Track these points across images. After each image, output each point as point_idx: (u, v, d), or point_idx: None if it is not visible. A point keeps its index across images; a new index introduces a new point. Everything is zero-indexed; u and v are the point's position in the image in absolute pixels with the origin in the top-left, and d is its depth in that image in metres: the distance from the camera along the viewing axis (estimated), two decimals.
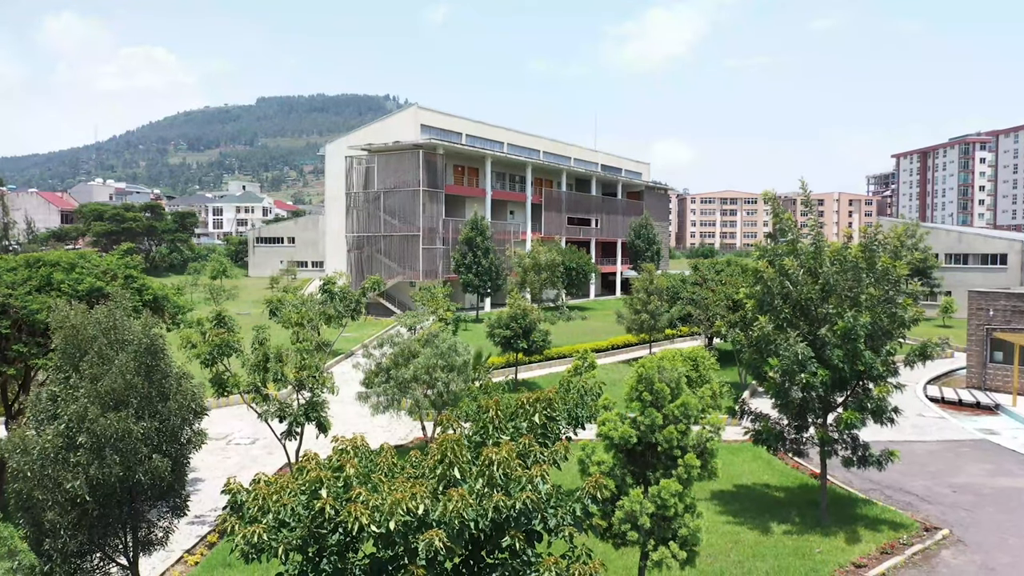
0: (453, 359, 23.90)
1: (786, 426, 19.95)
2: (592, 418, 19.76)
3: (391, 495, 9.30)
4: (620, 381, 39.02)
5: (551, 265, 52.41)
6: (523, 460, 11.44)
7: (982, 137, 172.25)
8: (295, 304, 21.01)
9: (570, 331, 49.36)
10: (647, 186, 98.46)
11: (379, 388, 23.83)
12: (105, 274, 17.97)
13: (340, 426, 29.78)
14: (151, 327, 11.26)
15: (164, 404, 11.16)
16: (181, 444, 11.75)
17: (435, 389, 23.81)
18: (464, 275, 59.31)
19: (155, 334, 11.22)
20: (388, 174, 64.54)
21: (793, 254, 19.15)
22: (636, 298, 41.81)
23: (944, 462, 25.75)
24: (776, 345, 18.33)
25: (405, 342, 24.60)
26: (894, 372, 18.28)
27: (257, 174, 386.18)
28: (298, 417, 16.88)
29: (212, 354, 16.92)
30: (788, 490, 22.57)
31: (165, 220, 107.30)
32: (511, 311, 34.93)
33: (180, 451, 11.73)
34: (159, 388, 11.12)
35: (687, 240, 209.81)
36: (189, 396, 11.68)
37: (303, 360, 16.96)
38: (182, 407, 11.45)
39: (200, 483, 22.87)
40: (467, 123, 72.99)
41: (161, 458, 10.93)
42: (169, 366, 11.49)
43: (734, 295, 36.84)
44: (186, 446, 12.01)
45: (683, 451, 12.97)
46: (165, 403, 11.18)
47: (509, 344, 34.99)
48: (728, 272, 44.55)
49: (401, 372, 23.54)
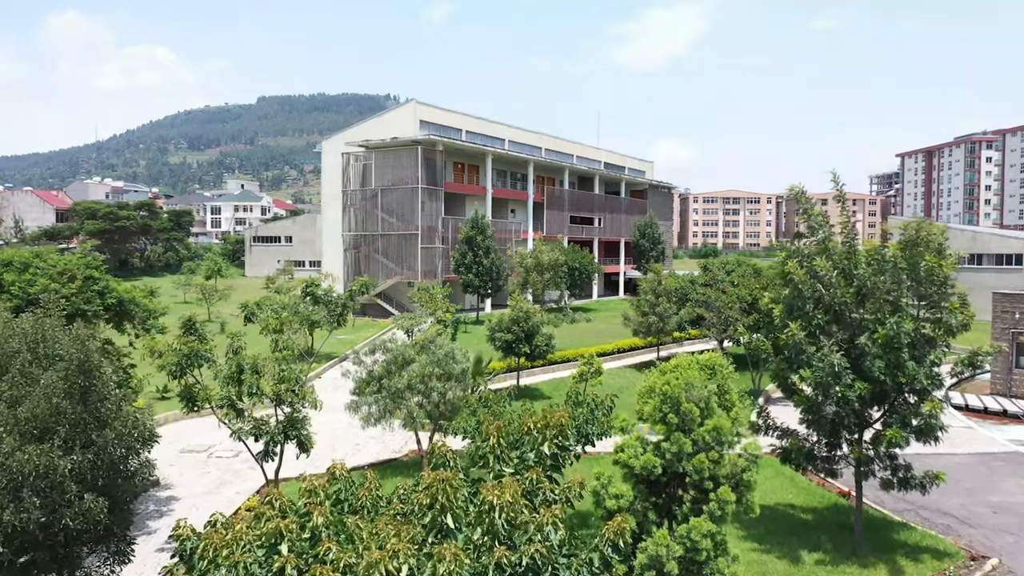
0: (450, 367, 22.05)
1: (815, 443, 18.11)
2: (604, 434, 17.97)
3: (368, 553, 7.47)
4: (627, 387, 37.18)
5: (554, 265, 50.52)
6: (530, 499, 9.58)
7: (988, 136, 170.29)
8: (274, 308, 19.13)
9: (574, 333, 47.47)
10: (651, 185, 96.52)
11: (370, 398, 21.97)
12: (62, 275, 16.16)
13: (329, 436, 28.03)
14: (86, 339, 9.42)
15: (100, 432, 9.34)
16: (123, 478, 9.92)
17: (431, 399, 21.98)
18: (464, 275, 57.42)
19: (91, 348, 9.39)
20: (386, 171, 62.64)
21: (825, 254, 17.29)
22: (643, 300, 39.97)
23: (979, 477, 23.92)
24: (808, 355, 16.49)
25: (399, 348, 22.74)
26: (939, 384, 16.43)
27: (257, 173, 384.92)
28: (275, 436, 15.06)
29: (180, 364, 15.10)
30: (816, 511, 20.72)
31: (160, 219, 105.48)
32: (513, 313, 33.09)
33: (122, 487, 9.90)
34: (94, 413, 9.31)
35: (689, 240, 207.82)
36: (131, 422, 9.83)
37: (282, 371, 15.14)
38: (123, 435, 9.62)
39: (174, 503, 21.05)
40: (467, 119, 70.99)
41: (95, 498, 9.12)
42: (108, 386, 9.65)
43: (747, 297, 34.99)
44: (129, 480, 10.17)
45: (715, 483, 11.13)
46: (102, 431, 9.37)
47: (511, 348, 33.16)
48: (739, 273, 42.70)
49: (394, 381, 21.69)
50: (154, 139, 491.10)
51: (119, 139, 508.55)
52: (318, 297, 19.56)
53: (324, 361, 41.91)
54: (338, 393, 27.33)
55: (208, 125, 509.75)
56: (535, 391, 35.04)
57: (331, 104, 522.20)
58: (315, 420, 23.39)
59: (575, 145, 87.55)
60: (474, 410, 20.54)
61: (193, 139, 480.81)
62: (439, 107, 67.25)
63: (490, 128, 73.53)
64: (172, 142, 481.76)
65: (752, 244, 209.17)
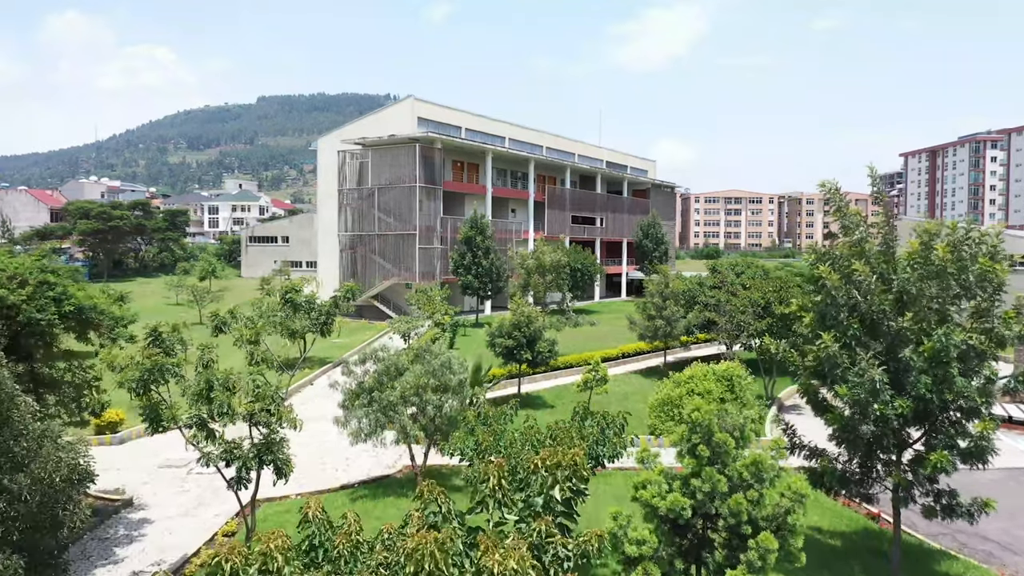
0: (447, 378, 20.39)
1: (847, 463, 16.44)
2: (616, 456, 16.32)
3: None
4: (634, 394, 35.48)
5: (556, 266, 48.78)
6: (538, 557, 7.89)
7: (993, 136, 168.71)
8: (249, 317, 17.41)
9: (577, 337, 45.76)
10: (653, 184, 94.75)
11: (360, 412, 20.30)
12: (12, 280, 14.48)
13: (318, 449, 26.28)
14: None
15: (15, 476, 7.67)
16: (47, 528, 8.24)
17: (426, 413, 20.32)
18: (463, 277, 55.70)
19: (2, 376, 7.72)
20: (383, 169, 60.90)
21: (861, 256, 15.60)
22: (650, 303, 38.25)
23: (1016, 497, 22.24)
24: (843, 369, 14.82)
25: (391, 358, 21.06)
26: (991, 402, 14.75)
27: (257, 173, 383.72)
28: (248, 461, 13.38)
29: (143, 380, 13.44)
30: (844, 536, 19.05)
31: (155, 218, 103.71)
32: (514, 318, 31.39)
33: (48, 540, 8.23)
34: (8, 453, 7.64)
35: (691, 240, 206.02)
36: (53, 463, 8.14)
37: (257, 388, 13.46)
38: (48, 479, 7.95)
39: (146, 526, 19.34)
40: (467, 116, 69.16)
41: (8, 556, 7.45)
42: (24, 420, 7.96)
43: (761, 301, 33.33)
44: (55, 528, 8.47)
45: (755, 527, 9.43)
46: (17, 474, 7.70)
47: (512, 355, 31.47)
48: (749, 274, 41.01)
49: (386, 394, 20.03)
50: (154, 139, 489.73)
51: (119, 139, 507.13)
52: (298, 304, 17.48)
53: (317, 367, 40.21)
54: (329, 401, 25.64)
55: (208, 125, 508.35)
56: (537, 399, 33.36)
57: (331, 104, 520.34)
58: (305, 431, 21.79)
59: (577, 144, 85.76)
60: (472, 428, 18.90)
61: (193, 139, 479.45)
62: (438, 104, 65.46)
63: (490, 126, 71.72)
64: (172, 142, 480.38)
65: (754, 244, 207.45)
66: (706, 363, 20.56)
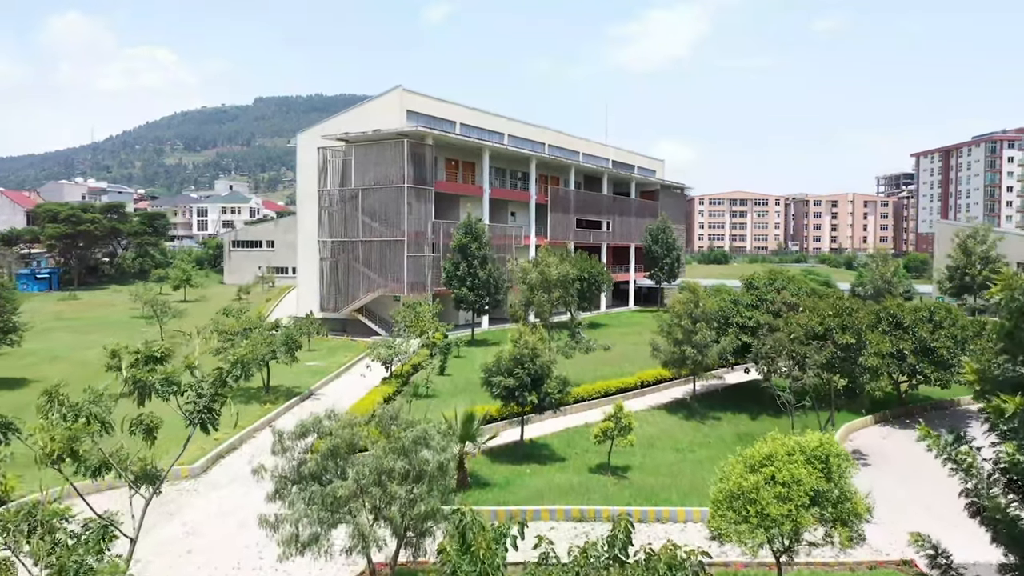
0: (421, 460, 14.22)
1: None
2: None
3: None
4: (660, 439, 29.29)
5: (563, 281, 42.44)
6: None
7: (1010, 135, 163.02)
8: (73, 408, 11.08)
9: (587, 361, 39.48)
10: (662, 185, 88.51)
11: (297, 509, 14.12)
12: None
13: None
14: None
15: None
16: None
17: (391, 510, 14.18)
18: (457, 289, 49.51)
19: None
20: (367, 168, 54.66)
21: None
22: (676, 325, 32.05)
23: None
24: None
25: (342, 428, 14.87)
26: None
27: (254, 174, 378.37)
28: None
29: None
30: None
31: (130, 222, 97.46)
32: (515, 350, 25.22)
33: None
34: None
35: (695, 243, 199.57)
36: None
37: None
38: None
39: None
40: (462, 110, 62.75)
41: None
42: None
43: (818, 327, 27.19)
44: None
45: None
46: None
47: (512, 397, 25.32)
48: (792, 290, 34.84)
49: (334, 487, 13.86)
50: (150, 140, 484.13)
51: (115, 140, 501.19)
52: (150, 386, 10.71)
53: (282, 400, 34.02)
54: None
55: (204, 126, 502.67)
56: (543, 449, 27.25)
57: (329, 105, 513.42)
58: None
59: (581, 141, 79.36)
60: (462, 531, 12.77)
61: (189, 140, 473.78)
62: (429, 96, 59.07)
63: (487, 121, 65.34)
64: (168, 143, 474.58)
65: (760, 247, 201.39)
66: (794, 440, 14.41)
